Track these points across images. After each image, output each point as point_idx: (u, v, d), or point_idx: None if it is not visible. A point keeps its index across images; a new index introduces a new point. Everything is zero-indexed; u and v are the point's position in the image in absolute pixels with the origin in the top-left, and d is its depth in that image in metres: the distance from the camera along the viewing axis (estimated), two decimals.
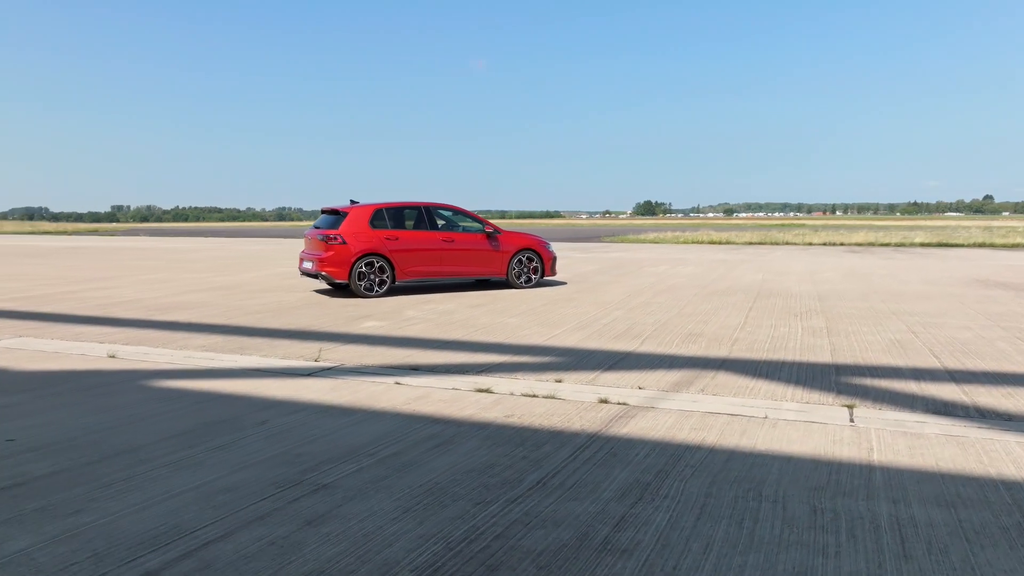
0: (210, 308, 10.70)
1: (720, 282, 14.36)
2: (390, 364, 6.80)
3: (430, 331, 8.65)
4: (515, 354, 7.28)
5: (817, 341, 7.89)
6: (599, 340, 7.99)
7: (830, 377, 6.22)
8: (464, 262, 12.74)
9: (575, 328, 8.79)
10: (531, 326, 8.97)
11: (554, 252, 13.85)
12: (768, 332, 8.45)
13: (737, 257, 23.00)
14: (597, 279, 15.16)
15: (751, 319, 9.46)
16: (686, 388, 5.86)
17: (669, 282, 14.42)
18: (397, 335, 8.39)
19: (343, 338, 8.19)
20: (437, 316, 9.88)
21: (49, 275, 16.66)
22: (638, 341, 7.92)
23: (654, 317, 9.64)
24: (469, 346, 7.71)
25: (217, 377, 6.29)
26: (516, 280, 13.22)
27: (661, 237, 40.26)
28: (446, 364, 6.80)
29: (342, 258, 11.78)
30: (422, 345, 7.76)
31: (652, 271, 17.24)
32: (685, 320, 9.39)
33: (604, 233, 53.64)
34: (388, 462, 4.10)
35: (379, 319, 9.60)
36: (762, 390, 5.80)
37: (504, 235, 13.20)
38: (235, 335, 8.38)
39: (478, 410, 5.21)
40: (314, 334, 8.45)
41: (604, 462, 4.09)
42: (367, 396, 5.61)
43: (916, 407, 5.28)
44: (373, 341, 8.01)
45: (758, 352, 7.30)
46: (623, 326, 8.93)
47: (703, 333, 8.40)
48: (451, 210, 13.25)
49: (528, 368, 6.64)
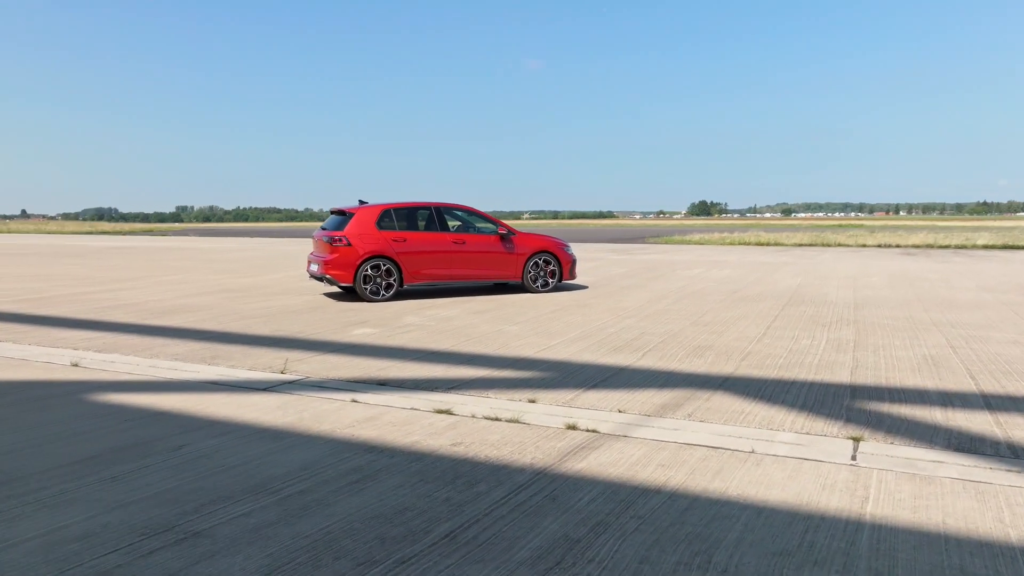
0: (208, 312, 10.37)
1: (753, 287, 13.49)
2: (358, 378, 6.28)
3: (420, 340, 8.12)
4: (498, 367, 6.68)
5: (839, 357, 7.08)
6: (596, 352, 7.33)
7: (842, 401, 5.46)
8: (476, 265, 12.18)
9: (576, 338, 8.14)
10: (529, 335, 8.36)
11: (573, 254, 13.19)
12: (787, 345, 7.66)
13: (780, 259, 21.92)
14: (622, 283, 14.43)
15: (772, 329, 8.66)
16: (672, 412, 5.18)
17: (698, 286, 13.61)
18: (384, 344, 7.88)
19: (326, 347, 7.71)
20: (435, 323, 9.34)
21: (78, 275, 16.70)
22: (639, 354, 7.24)
23: (666, 326, 8.92)
24: (454, 357, 7.14)
25: (167, 391, 5.85)
26: (532, 284, 12.60)
27: (707, 238, 39.07)
28: (418, 378, 6.24)
29: (347, 260, 11.34)
30: (404, 356, 7.22)
31: (684, 274, 16.41)
32: (699, 330, 8.64)
33: (651, 234, 52.52)
34: (290, 502, 3.55)
35: (373, 326, 9.11)
36: (759, 416, 5.08)
37: (519, 236, 12.60)
38: (216, 342, 7.99)
39: (425, 436, 4.63)
40: (298, 342, 7.99)
41: (537, 509, 3.47)
42: (312, 416, 5.09)
43: (936, 441, 4.51)
44: (355, 350, 7.50)
45: (768, 369, 6.55)
46: (629, 336, 8.24)
47: (713, 346, 7.66)
48: (463, 210, 12.71)
49: (505, 384, 6.03)
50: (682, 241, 38.20)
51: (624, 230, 69.29)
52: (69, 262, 21.72)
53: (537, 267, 12.65)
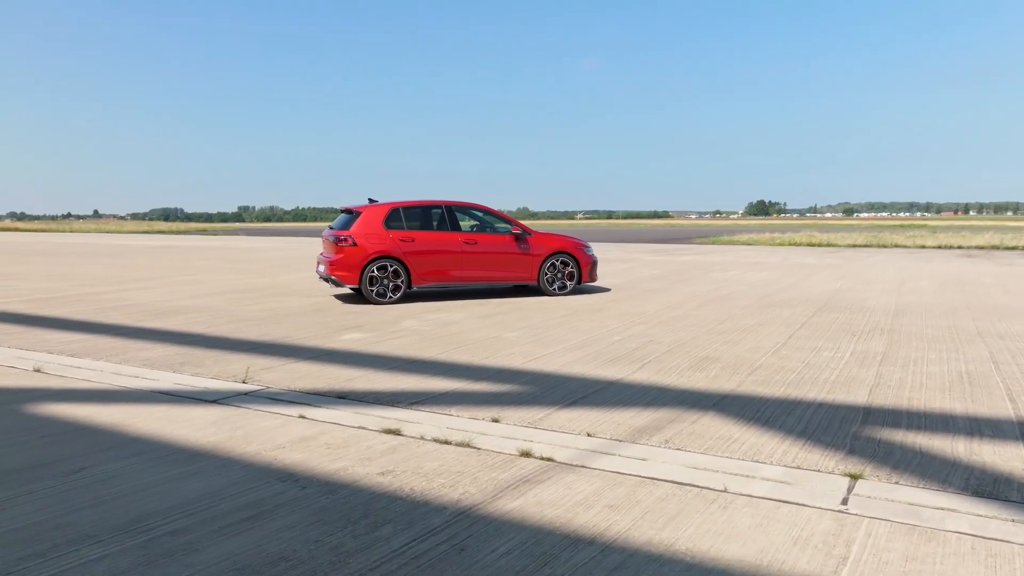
0: (206, 314, 10.07)
1: (787, 291, 12.62)
2: (321, 389, 5.79)
3: (407, 346, 7.61)
4: (477, 379, 6.12)
5: (861, 372, 6.31)
6: (590, 364, 6.71)
7: (850, 426, 4.74)
8: (488, 266, 11.63)
9: (575, 347, 7.53)
10: (526, 343, 7.78)
11: (594, 255, 12.52)
12: (804, 358, 6.91)
13: (827, 261, 20.79)
14: (649, 286, 13.70)
15: (794, 339, 7.89)
16: (648, 437, 4.54)
17: (727, 290, 12.80)
18: (367, 351, 7.40)
19: (305, 353, 7.26)
20: (432, 328, 8.82)
21: (102, 274, 16.74)
22: (636, 366, 6.59)
23: (678, 334, 8.23)
24: (434, 367, 6.61)
25: (110, 401, 5.46)
26: (548, 287, 11.99)
27: (756, 239, 37.73)
28: (384, 391, 5.73)
29: (352, 261, 10.92)
30: (382, 364, 6.72)
31: (718, 276, 15.57)
32: (712, 339, 7.93)
33: (701, 234, 51.18)
34: (155, 545, 3.05)
35: (366, 330, 8.64)
36: (747, 444, 4.41)
37: (535, 237, 12.00)
38: (196, 346, 7.62)
39: (356, 461, 4.10)
40: (279, 347, 7.57)
41: (437, 563, 2.90)
42: (244, 435, 4.61)
43: (951, 481, 3.78)
44: (334, 357, 7.04)
45: (775, 386, 5.83)
46: (633, 345, 7.59)
47: (721, 357, 6.95)
48: (477, 209, 12.17)
49: (476, 399, 5.47)
50: (729, 242, 36.98)
51: (674, 230, 67.88)
52: (102, 261, 21.95)
53: (554, 269, 12.03)
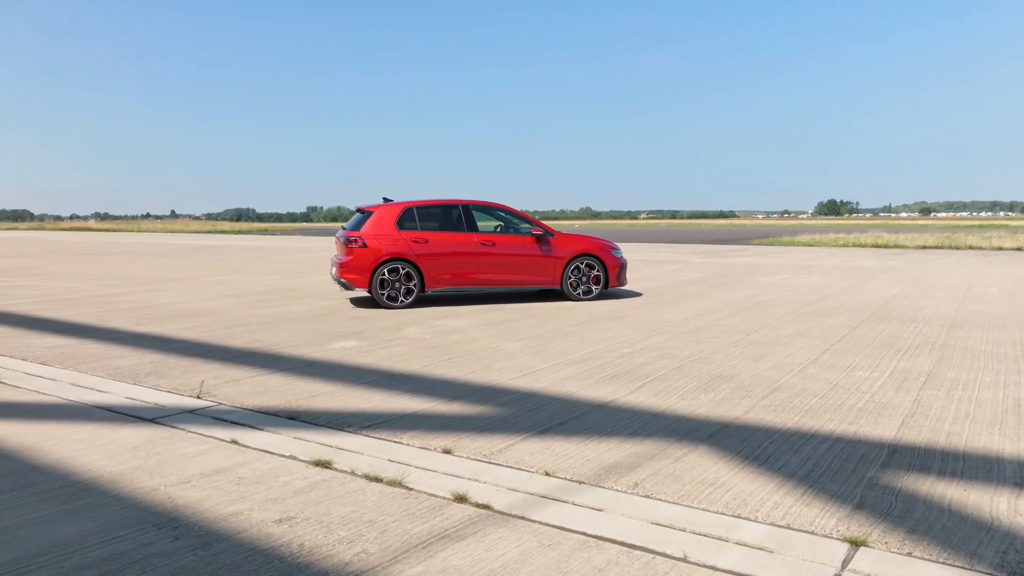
0: (208, 317, 9.69)
1: (834, 298, 11.57)
2: (273, 408, 5.24)
3: (396, 357, 7.02)
4: (451, 398, 5.47)
5: (896, 397, 5.41)
6: (585, 381, 5.99)
7: (868, 470, 3.91)
8: (506, 269, 10.96)
9: (576, 360, 6.81)
10: (525, 355, 7.09)
11: (622, 258, 11.72)
12: (834, 378, 6.03)
13: (888, 264, 19.39)
14: (685, 290, 12.81)
15: (828, 355, 6.99)
16: (615, 479, 3.82)
17: (768, 296, 11.83)
18: (350, 362, 6.84)
19: (282, 363, 6.75)
20: (433, 336, 8.22)
21: (134, 274, 16.74)
22: (636, 385, 5.84)
23: (697, 347, 7.42)
24: (410, 382, 5.99)
25: (46, 417, 5.02)
26: (572, 291, 11.25)
27: (818, 239, 36.02)
28: (340, 411, 5.13)
29: (362, 263, 10.41)
30: (356, 379, 6.15)
31: (762, 281, 14.54)
32: (733, 353, 7.09)
33: (763, 234, 49.37)
34: None
35: (363, 338, 8.09)
36: (733, 491, 3.64)
37: (558, 238, 11.28)
38: (175, 354, 7.20)
39: (258, 504, 3.50)
40: (259, 356, 7.08)
41: None
42: (157, 463, 4.08)
43: (983, 554, 2.95)
44: (310, 369, 6.50)
45: (790, 413, 5.01)
46: (642, 359, 6.83)
47: (737, 376, 6.13)
48: (497, 209, 11.51)
49: (436, 423, 4.83)
50: (789, 243, 35.40)
51: (736, 230, 65.91)
52: (144, 261, 22.14)
53: (579, 272, 11.29)
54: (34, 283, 14.71)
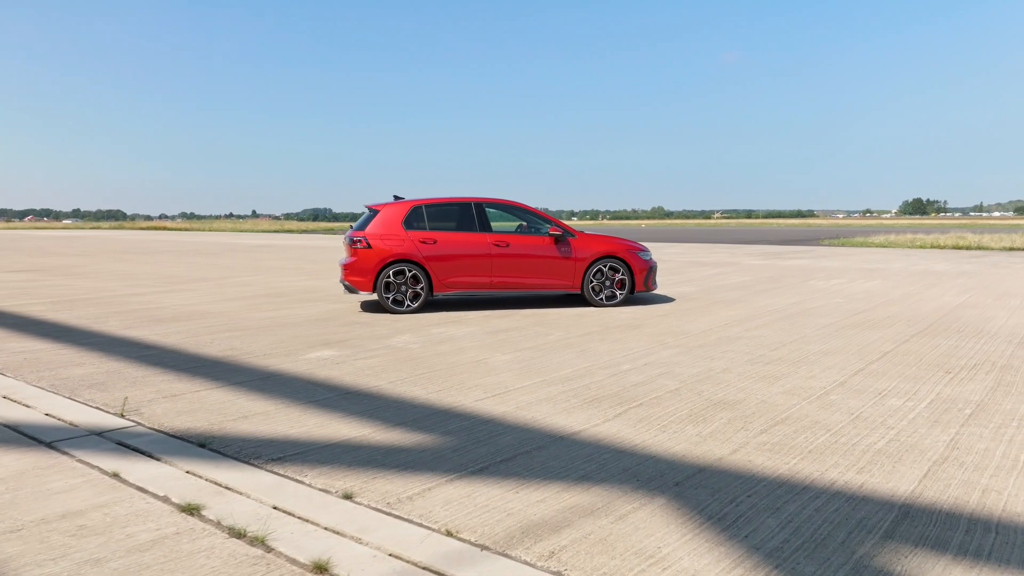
0: (202, 322, 9.26)
1: (889, 306, 10.37)
2: (191, 431, 4.63)
3: (366, 371, 6.37)
4: (395, 423, 4.77)
5: (930, 435, 4.42)
6: (560, 405, 5.19)
7: (863, 543, 3.01)
8: (521, 272, 10.19)
9: (562, 379, 6.01)
10: (509, 371, 6.33)
11: (651, 260, 10.79)
12: (858, 407, 5.05)
13: (963, 268, 17.73)
14: (724, 295, 11.77)
15: (861, 376, 5.98)
16: (531, 543, 3.03)
17: (815, 303, 10.70)
18: (312, 375, 6.22)
19: (240, 376, 6.18)
20: (422, 346, 7.53)
21: (166, 274, 16.67)
22: (615, 411, 5.01)
23: (707, 364, 6.51)
24: (364, 402, 5.31)
25: None
26: (594, 296, 10.39)
27: (893, 240, 33.86)
28: (260, 439, 4.49)
29: (366, 265, 9.82)
30: (306, 396, 5.51)
31: (816, 286, 13.32)
32: (748, 372, 6.16)
33: (835, 234, 47.00)
34: None
35: (345, 347, 7.47)
36: (672, 569, 2.80)
37: (579, 239, 10.43)
38: (138, 362, 6.73)
39: (72, 566, 2.87)
40: (222, 367, 6.54)
41: None
42: (3, 504, 3.49)
43: None
44: (263, 384, 5.91)
45: (788, 454, 4.10)
46: (638, 379, 5.97)
47: (741, 402, 5.22)
48: (512, 207, 10.74)
49: (359, 456, 4.12)
50: (861, 243, 33.37)
51: (808, 230, 63.20)
52: (187, 260, 22.25)
53: (601, 276, 10.42)
54: (65, 282, 14.72)
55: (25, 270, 18.28)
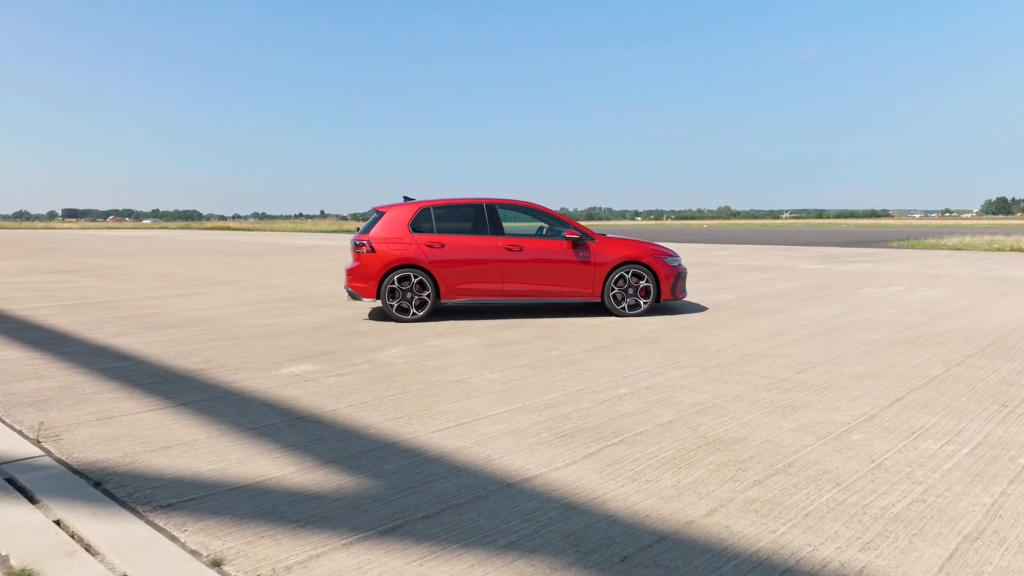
0: (197, 328, 8.85)
1: (949, 319, 9.26)
2: (98, 464, 4.10)
3: (329, 391, 5.78)
4: (325, 460, 4.14)
5: (967, 495, 3.55)
6: (526, 440, 4.48)
7: None
8: (535, 278, 9.46)
9: (543, 405, 5.29)
10: (486, 394, 5.64)
11: (679, 266, 9.92)
12: (884, 450, 4.19)
13: None
14: (760, 305, 10.80)
15: (895, 409, 5.08)
16: None
17: (863, 315, 9.66)
18: (272, 396, 5.67)
19: (200, 393, 5.66)
20: (406, 361, 6.90)
21: (193, 276, 16.54)
22: (588, 450, 4.27)
23: (715, 389, 5.68)
24: (308, 430, 4.72)
25: None
26: (615, 305, 9.60)
27: (968, 242, 31.73)
28: (167, 478, 3.92)
29: (369, 270, 9.27)
30: (247, 423, 4.94)
31: (869, 294, 12.18)
32: (759, 401, 5.32)
33: (906, 235, 44.61)
34: None
35: (325, 361, 6.90)
36: None
37: (599, 242, 9.65)
38: (101, 376, 6.30)
39: None
40: (186, 382, 6.05)
41: None
42: None
43: None
44: (215, 405, 5.37)
45: (779, 517, 3.30)
46: (628, 407, 5.20)
47: (741, 441, 4.41)
48: (528, 208, 10.01)
49: (256, 506, 3.50)
50: (934, 245, 31.39)
51: (879, 231, 60.39)
52: (225, 262, 22.26)
53: (624, 282, 9.61)
54: (92, 284, 14.66)
55: (65, 271, 18.46)
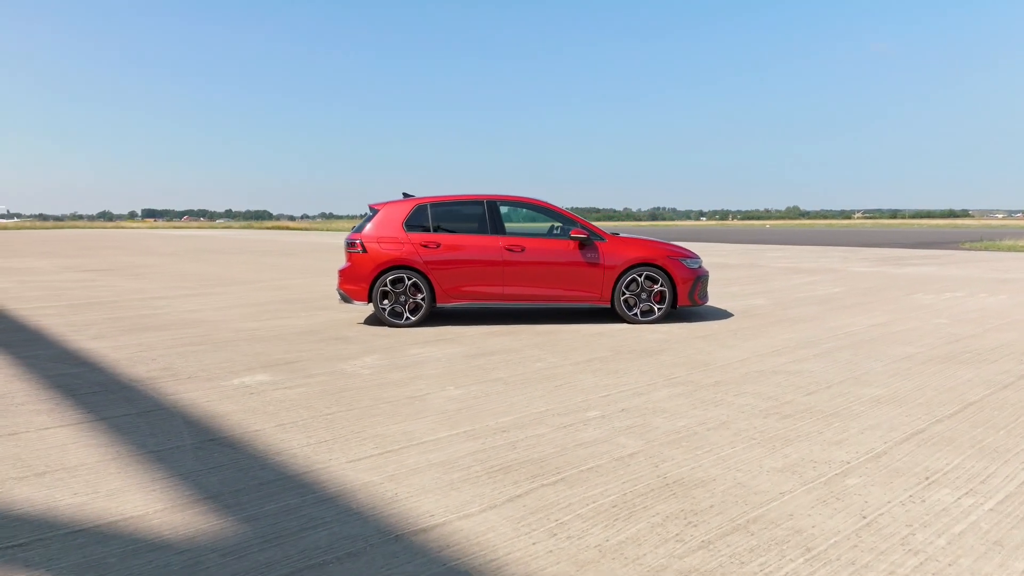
0: (185, 331, 8.44)
1: (1004, 332, 8.17)
2: None
3: (266, 407, 5.22)
4: (203, 498, 3.55)
5: (976, 572, 2.71)
6: (453, 473, 3.81)
7: None
8: (538, 281, 8.74)
9: (491, 430, 4.60)
10: (433, 415, 4.98)
11: (698, 269, 9.06)
12: (888, 500, 3.36)
13: None
14: (793, 312, 9.83)
15: (916, 443, 4.21)
16: None
17: (903, 326, 8.62)
18: (199, 412, 5.13)
19: (132, 405, 5.18)
20: (374, 372, 6.29)
21: (222, 275, 16.35)
22: (523, 488, 3.57)
23: (701, 415, 4.89)
24: (223, 452, 4.15)
25: None
26: (626, 311, 8.80)
27: None
28: (15, 515, 3.39)
29: (361, 272, 8.71)
30: (139, 446, 4.41)
31: (917, 301, 11.04)
32: (747, 430, 4.51)
33: (977, 237, 42.01)
34: None
35: (286, 370, 6.35)
36: None
37: (609, 242, 8.86)
38: (45, 386, 5.91)
39: None
40: (129, 392, 5.59)
41: None
42: None
43: None
44: (132, 423, 4.88)
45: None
46: (590, 435, 4.47)
47: (710, 482, 3.63)
48: (533, 206, 9.28)
49: (90, 559, 2.93)
50: (1010, 247, 29.28)
51: (952, 231, 57.25)
52: (260, 260, 22.15)
53: (636, 286, 8.81)
54: (113, 283, 14.56)
55: (97, 269, 18.55)
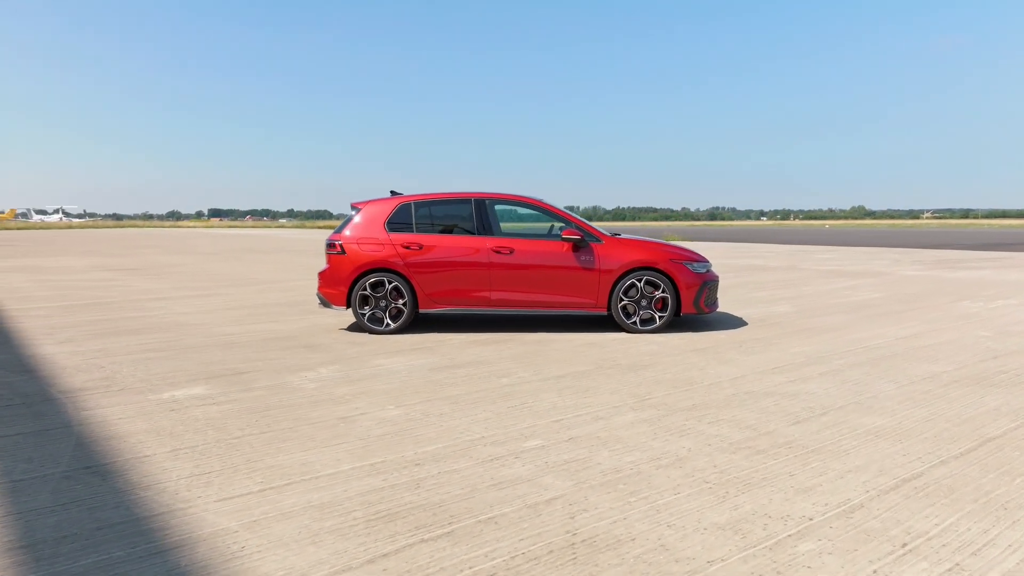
0: (162, 335, 8.07)
1: None
2: None
3: (178, 428, 4.71)
4: (3, 550, 3.01)
5: None
6: (325, 521, 3.21)
7: None
8: (528, 286, 8.06)
9: (404, 463, 3.99)
10: (353, 441, 4.39)
11: (705, 273, 8.26)
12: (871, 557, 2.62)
13: None
14: (817, 321, 8.93)
15: (908, 491, 3.44)
16: None
17: (936, 339, 7.68)
18: (108, 432, 4.66)
19: (36, 423, 4.72)
20: (317, 388, 5.73)
21: (243, 276, 16.14)
22: (399, 543, 2.96)
23: (661, 447, 4.19)
24: (73, 490, 3.63)
25: None
26: (624, 319, 8.06)
27: None
28: None
29: (339, 274, 8.19)
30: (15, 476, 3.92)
31: (958, 310, 9.98)
32: (711, 468, 3.80)
33: None
34: None
35: (229, 382, 5.85)
36: None
37: (606, 244, 8.13)
38: None
39: None
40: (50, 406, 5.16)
41: None
42: None
43: None
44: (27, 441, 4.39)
45: None
46: (517, 471, 3.82)
47: (626, 542, 2.95)
48: (525, 204, 8.58)
49: None
50: None
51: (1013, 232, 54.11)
52: (287, 260, 22.02)
53: (635, 291, 8.06)
54: (125, 283, 14.44)
55: (124, 268, 18.59)
